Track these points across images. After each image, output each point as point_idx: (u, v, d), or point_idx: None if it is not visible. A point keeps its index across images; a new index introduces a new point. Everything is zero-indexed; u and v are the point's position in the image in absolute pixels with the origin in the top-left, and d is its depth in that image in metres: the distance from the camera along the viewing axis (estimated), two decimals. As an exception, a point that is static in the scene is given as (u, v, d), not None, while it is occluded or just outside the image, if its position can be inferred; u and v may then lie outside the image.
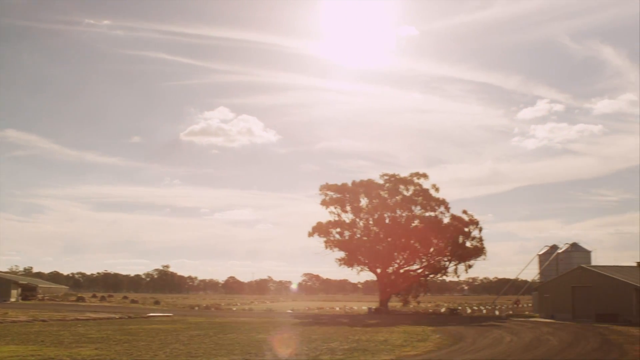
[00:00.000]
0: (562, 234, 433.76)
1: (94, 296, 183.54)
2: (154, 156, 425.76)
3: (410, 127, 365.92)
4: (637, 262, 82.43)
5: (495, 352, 39.58)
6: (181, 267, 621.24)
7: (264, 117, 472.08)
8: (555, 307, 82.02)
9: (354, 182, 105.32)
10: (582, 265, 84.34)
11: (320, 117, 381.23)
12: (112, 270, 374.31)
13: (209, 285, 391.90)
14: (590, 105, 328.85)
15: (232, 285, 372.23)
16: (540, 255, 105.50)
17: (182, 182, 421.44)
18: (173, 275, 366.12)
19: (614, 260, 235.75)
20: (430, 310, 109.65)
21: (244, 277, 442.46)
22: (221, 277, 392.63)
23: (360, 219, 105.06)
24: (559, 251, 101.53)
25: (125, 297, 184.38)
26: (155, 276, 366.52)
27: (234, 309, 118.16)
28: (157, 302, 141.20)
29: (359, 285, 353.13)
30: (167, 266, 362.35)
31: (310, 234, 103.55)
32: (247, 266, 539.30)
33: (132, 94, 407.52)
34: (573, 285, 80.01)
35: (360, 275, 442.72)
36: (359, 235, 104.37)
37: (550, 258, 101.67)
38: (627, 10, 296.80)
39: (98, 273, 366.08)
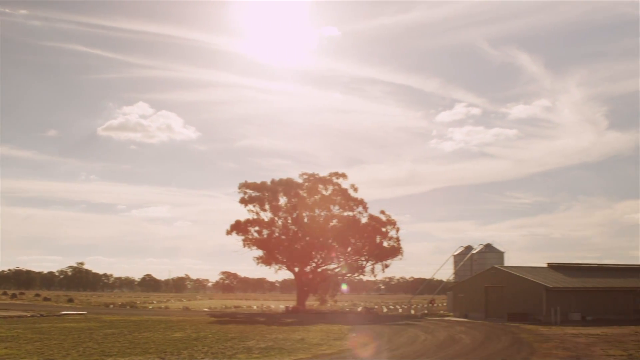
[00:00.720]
0: (477, 235, 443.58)
1: (5, 294, 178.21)
2: (70, 151, 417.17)
3: (331, 127, 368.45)
4: (548, 263, 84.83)
5: (411, 350, 40.12)
6: (96, 265, 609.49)
7: (184, 113, 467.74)
8: (469, 306, 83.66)
9: (273, 181, 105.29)
10: (495, 265, 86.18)
11: (241, 115, 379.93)
12: (25, 267, 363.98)
13: (125, 283, 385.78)
14: (506, 110, 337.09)
15: (148, 283, 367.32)
16: (455, 256, 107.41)
17: (99, 177, 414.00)
18: (88, 272, 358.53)
19: (526, 261, 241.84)
20: (347, 309, 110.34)
21: (161, 275, 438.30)
22: (137, 275, 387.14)
23: (279, 218, 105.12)
24: (474, 252, 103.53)
25: (37, 295, 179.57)
26: (70, 273, 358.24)
27: (150, 307, 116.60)
28: (70, 300, 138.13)
29: (277, 284, 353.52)
30: (81, 263, 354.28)
31: (229, 232, 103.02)
32: (164, 264, 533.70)
33: (49, 86, 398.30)
34: (486, 285, 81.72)
35: (278, 274, 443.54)
36: (277, 234, 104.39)
37: (464, 258, 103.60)
38: (543, 19, 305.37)
39: (9, 270, 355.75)
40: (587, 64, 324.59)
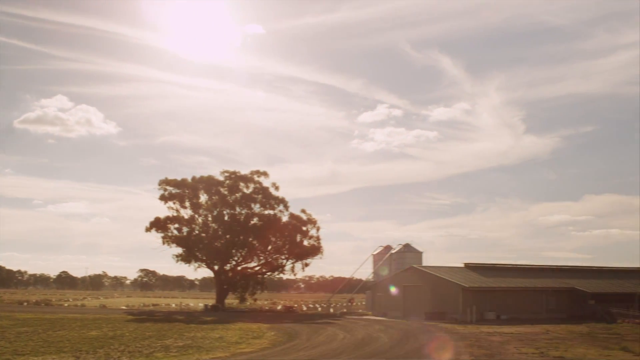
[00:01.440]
0: (397, 235, 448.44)
1: None
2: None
3: (253, 125, 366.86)
4: (465, 263, 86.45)
5: (329, 348, 40.32)
6: (10, 261, 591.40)
7: (105, 108, 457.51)
8: (387, 305, 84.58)
9: (194, 178, 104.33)
10: (414, 265, 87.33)
11: (163, 111, 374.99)
12: None
13: (40, 280, 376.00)
14: (427, 112, 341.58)
15: (64, 281, 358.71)
16: (374, 255, 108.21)
17: (15, 171, 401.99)
18: (1, 269, 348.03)
19: (444, 261, 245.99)
20: (267, 308, 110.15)
21: (78, 272, 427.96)
22: (53, 272, 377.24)
23: (199, 215, 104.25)
24: (393, 251, 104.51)
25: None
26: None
27: (66, 305, 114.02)
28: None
29: (196, 282, 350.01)
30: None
31: (148, 229, 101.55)
32: (81, 261, 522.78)
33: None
34: (404, 285, 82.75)
35: (198, 272, 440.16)
36: (197, 232, 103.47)
37: (384, 258, 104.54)
38: (465, 23, 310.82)
39: None
40: (506, 69, 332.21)
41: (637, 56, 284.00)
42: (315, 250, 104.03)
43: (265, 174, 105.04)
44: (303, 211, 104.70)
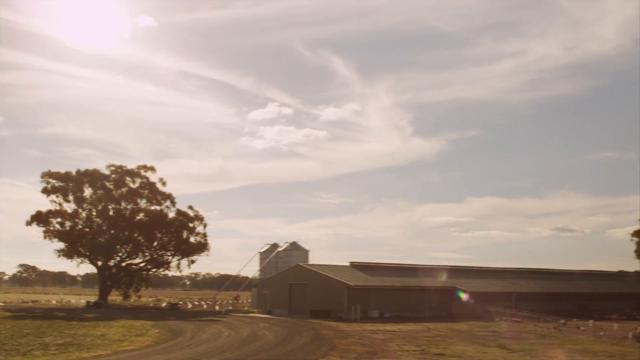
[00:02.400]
0: (284, 233, 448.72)
1: None
2: None
3: (142, 119, 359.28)
4: (350, 262, 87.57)
5: (213, 346, 40.15)
6: None
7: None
8: (273, 303, 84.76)
9: (78, 171, 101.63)
10: (300, 263, 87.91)
11: (48, 101, 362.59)
12: None
13: None
14: (318, 112, 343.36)
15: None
16: (261, 253, 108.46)
17: None
18: None
19: (330, 259, 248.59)
20: (151, 305, 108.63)
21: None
22: None
23: (83, 210, 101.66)
24: (279, 249, 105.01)
25: None
26: None
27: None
28: None
29: (79, 278, 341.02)
30: None
31: (29, 223, 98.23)
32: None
33: None
34: (290, 283, 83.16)
35: (81, 268, 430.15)
36: (81, 226, 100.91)
37: (270, 256, 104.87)
38: (358, 25, 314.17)
39: None
40: (396, 72, 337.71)
41: (520, 65, 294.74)
42: (201, 247, 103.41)
43: (152, 168, 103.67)
44: (190, 207, 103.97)
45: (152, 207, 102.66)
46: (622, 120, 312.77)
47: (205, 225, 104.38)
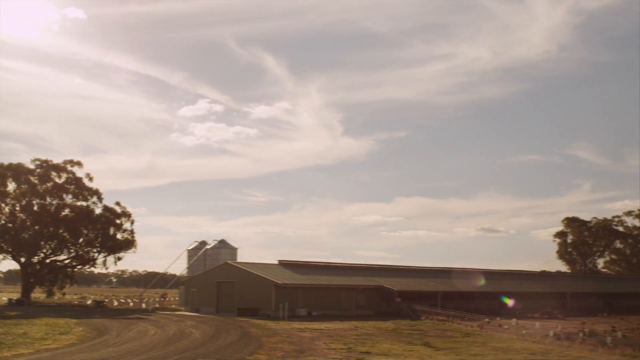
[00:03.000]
0: (213, 231, 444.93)
1: None
2: None
3: (69, 113, 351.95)
4: (279, 260, 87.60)
5: (139, 344, 39.75)
6: None
7: None
8: (200, 301, 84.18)
9: (2, 165, 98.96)
10: (228, 261, 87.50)
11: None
12: None
13: None
14: (249, 110, 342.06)
15: None
16: (189, 250, 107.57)
17: None
18: None
19: (259, 257, 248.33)
20: (76, 303, 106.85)
21: None
22: None
23: (6, 205, 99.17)
24: (208, 247, 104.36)
25: None
26: None
27: None
28: None
29: (1, 275, 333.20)
30: None
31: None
32: None
33: None
34: (218, 281, 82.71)
35: (3, 264, 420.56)
36: (3, 222, 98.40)
37: (199, 253, 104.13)
38: (291, 24, 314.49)
39: None
40: (327, 71, 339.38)
41: (450, 67, 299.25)
42: (128, 244, 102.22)
43: (79, 163, 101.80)
44: (118, 204, 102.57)
45: (78, 203, 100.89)
46: (547, 125, 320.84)
47: (132, 222, 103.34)
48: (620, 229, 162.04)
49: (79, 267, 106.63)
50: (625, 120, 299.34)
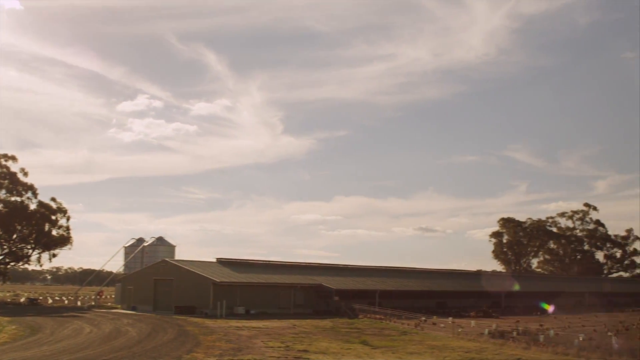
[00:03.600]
0: (151, 228, 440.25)
1: None
2: None
3: (4, 106, 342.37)
4: (217, 258, 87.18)
5: (74, 343, 39.20)
6: None
7: None
8: (137, 298, 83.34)
9: None
10: (166, 259, 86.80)
11: None
12: None
13: None
14: (189, 106, 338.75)
15: None
16: (126, 248, 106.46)
17: None
18: None
19: (197, 255, 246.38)
20: (9, 300, 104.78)
21: None
22: None
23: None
24: (145, 244, 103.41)
25: None
26: None
27: None
28: None
29: None
30: None
31: None
32: None
33: None
34: (155, 278, 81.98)
35: None
36: None
37: (136, 251, 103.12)
38: (233, 21, 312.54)
39: None
40: (269, 69, 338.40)
41: (391, 68, 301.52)
42: (64, 240, 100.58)
43: (13, 158, 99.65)
44: (53, 199, 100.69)
45: (12, 199, 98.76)
46: (484, 126, 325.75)
47: (68, 218, 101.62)
48: (554, 229, 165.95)
49: (12, 264, 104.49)
50: (561, 123, 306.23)
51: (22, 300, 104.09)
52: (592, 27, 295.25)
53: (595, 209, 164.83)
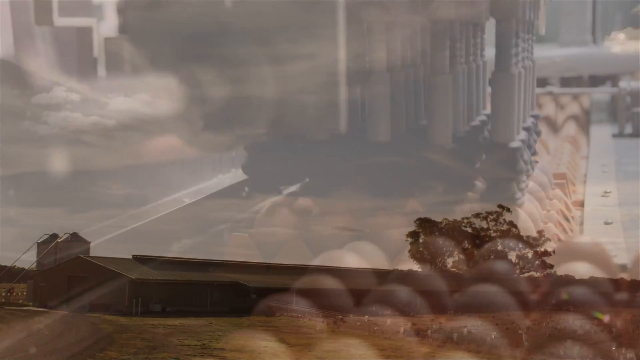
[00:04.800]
0: (66, 224, 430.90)
1: None
2: None
3: None
4: (133, 255, 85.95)
5: (-18, 341, 38.14)
6: None
7: None
8: (50, 296, 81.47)
9: None
10: (80, 255, 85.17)
11: None
12: None
13: None
14: (107, 100, 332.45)
15: None
16: (39, 244, 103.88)
17: None
18: None
19: (115, 252, 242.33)
20: None
21: None
22: None
23: None
24: (59, 240, 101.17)
25: None
26: None
27: None
28: None
29: None
30: None
31: None
32: None
33: None
34: (69, 275, 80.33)
35: None
36: None
37: (49, 247, 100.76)
38: (153, 15, 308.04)
39: None
40: (189, 65, 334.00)
41: (312, 67, 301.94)
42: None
43: None
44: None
45: None
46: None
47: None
48: (469, 230, 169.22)
49: None
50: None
51: None
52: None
53: (508, 210, 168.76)
